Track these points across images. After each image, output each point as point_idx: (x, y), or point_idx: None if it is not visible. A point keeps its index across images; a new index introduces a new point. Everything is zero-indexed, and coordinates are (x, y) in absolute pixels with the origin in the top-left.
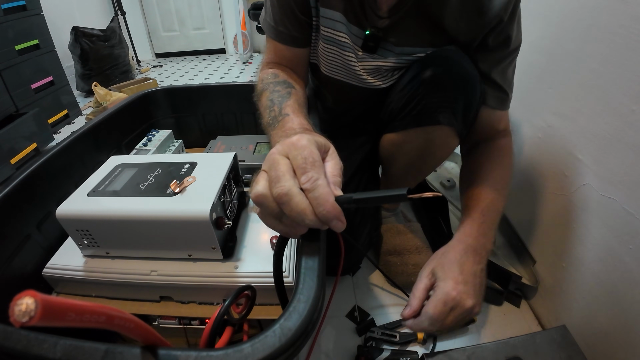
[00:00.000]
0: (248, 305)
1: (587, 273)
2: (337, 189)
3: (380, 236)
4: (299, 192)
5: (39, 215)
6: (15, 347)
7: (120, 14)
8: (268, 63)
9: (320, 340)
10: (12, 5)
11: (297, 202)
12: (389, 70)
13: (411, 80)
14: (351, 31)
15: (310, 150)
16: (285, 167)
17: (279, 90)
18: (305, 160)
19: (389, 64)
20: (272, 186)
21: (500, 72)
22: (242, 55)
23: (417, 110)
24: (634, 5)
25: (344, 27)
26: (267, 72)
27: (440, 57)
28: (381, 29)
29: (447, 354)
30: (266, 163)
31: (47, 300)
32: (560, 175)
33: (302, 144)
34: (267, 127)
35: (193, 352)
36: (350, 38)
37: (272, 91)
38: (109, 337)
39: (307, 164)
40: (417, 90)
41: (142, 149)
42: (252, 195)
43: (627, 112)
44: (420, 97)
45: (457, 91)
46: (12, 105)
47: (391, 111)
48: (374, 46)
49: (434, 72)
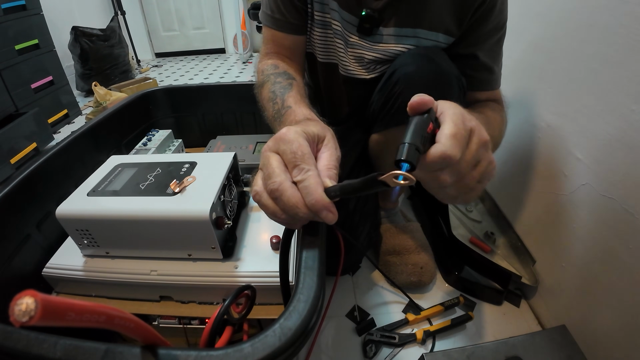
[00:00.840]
0: (248, 305)
1: (587, 273)
2: (328, 180)
3: (379, 236)
4: (291, 185)
5: (39, 215)
6: (16, 346)
7: (120, 13)
8: (267, 54)
9: (320, 340)
10: (12, 5)
11: (289, 196)
12: (372, 62)
13: (388, 79)
14: (343, 17)
15: (299, 143)
16: (276, 163)
17: (280, 82)
18: (295, 154)
19: (374, 55)
20: (266, 183)
21: (487, 51)
22: (242, 55)
23: (395, 109)
24: (634, 5)
25: (337, 14)
26: (267, 63)
27: (415, 55)
28: (377, 10)
29: (446, 354)
30: (261, 161)
31: (47, 300)
32: (560, 175)
33: (289, 138)
34: (272, 121)
35: (193, 351)
36: (342, 24)
37: (274, 83)
38: (109, 337)
39: (296, 158)
40: (392, 89)
41: (142, 148)
42: (252, 192)
43: (627, 112)
44: (396, 97)
45: (430, 89)
46: (12, 105)
47: (373, 111)
48: (369, 28)
49: (408, 71)
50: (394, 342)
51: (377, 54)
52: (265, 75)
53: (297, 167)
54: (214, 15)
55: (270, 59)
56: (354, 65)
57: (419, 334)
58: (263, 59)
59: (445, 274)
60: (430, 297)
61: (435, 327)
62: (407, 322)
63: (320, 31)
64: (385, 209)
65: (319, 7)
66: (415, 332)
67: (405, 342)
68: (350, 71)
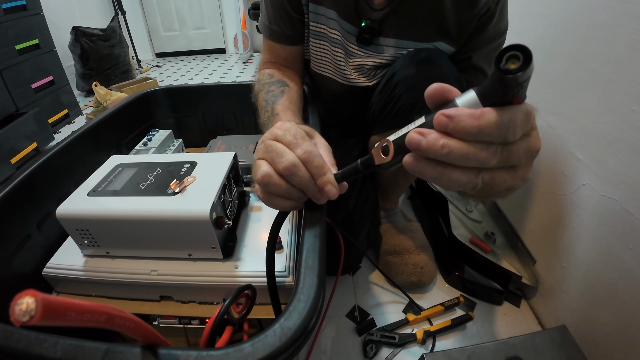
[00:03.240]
0: (248, 304)
1: (587, 273)
2: (333, 167)
3: (379, 236)
4: (301, 162)
5: (39, 215)
6: (16, 346)
7: (120, 13)
8: (265, 63)
9: (320, 340)
10: (12, 5)
11: (304, 171)
12: (372, 69)
13: (388, 81)
14: (343, 27)
15: (296, 129)
16: (281, 145)
17: (272, 90)
18: (295, 136)
19: (374, 62)
20: (276, 163)
21: (483, 56)
22: (242, 55)
23: (395, 112)
24: (634, 5)
25: (336, 24)
26: (264, 72)
27: (415, 58)
28: (376, 20)
29: (446, 354)
30: (259, 151)
31: (48, 299)
32: (560, 175)
33: (286, 126)
34: (262, 127)
35: (193, 351)
36: (342, 34)
37: (267, 92)
38: (109, 337)
39: (297, 139)
40: (392, 91)
41: (142, 148)
42: (258, 177)
43: (627, 112)
44: (396, 99)
45: None
46: (12, 105)
47: (373, 113)
48: (369, 38)
49: (408, 73)
50: (394, 342)
51: (377, 61)
52: (261, 85)
53: (300, 147)
54: (215, 15)
55: (268, 69)
56: (355, 75)
57: (419, 334)
58: (262, 69)
59: (445, 274)
60: (430, 297)
61: (435, 327)
62: (407, 322)
63: (314, 42)
64: (385, 208)
65: (313, 18)
66: (415, 332)
67: (405, 342)
68: (351, 80)
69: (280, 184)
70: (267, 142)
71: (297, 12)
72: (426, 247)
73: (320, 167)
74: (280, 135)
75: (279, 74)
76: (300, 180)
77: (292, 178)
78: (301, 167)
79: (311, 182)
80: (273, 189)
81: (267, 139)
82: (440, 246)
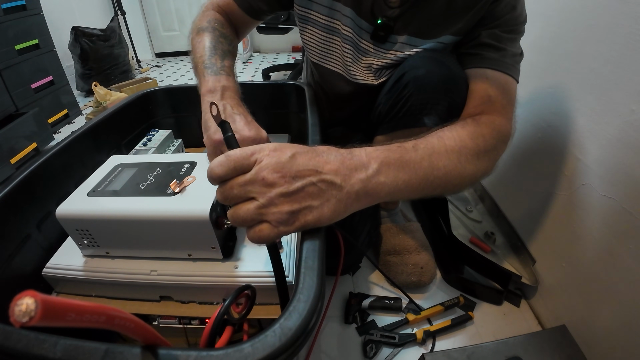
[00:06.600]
0: (248, 304)
1: (587, 273)
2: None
3: (379, 236)
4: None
5: (38, 215)
6: (16, 347)
7: (120, 13)
8: (217, 5)
9: (320, 340)
10: (12, 5)
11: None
12: (379, 69)
13: (397, 82)
14: (357, 24)
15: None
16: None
17: (222, 43)
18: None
19: (382, 62)
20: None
21: (492, 36)
22: (242, 55)
23: (403, 112)
24: (634, 5)
25: (351, 22)
26: (216, 15)
27: (425, 58)
28: (392, 18)
29: (446, 353)
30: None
31: (47, 300)
32: (560, 175)
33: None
34: (201, 66)
35: (193, 351)
36: (354, 30)
37: (217, 39)
38: (109, 337)
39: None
40: (402, 92)
41: (141, 148)
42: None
43: (627, 112)
44: (405, 99)
45: (440, 92)
46: (12, 105)
47: (379, 113)
48: (384, 35)
49: (418, 74)
50: (394, 342)
51: (385, 61)
52: (211, 26)
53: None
54: None
55: (220, 14)
56: (363, 72)
57: (419, 334)
58: (212, 9)
59: (445, 274)
60: (430, 297)
61: (435, 327)
62: (407, 322)
63: (323, 35)
64: (385, 208)
65: (326, 12)
66: (415, 332)
67: (405, 342)
68: (356, 78)
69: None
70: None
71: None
72: (426, 247)
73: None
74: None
75: (229, 29)
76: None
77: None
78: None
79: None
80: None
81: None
82: (440, 246)
